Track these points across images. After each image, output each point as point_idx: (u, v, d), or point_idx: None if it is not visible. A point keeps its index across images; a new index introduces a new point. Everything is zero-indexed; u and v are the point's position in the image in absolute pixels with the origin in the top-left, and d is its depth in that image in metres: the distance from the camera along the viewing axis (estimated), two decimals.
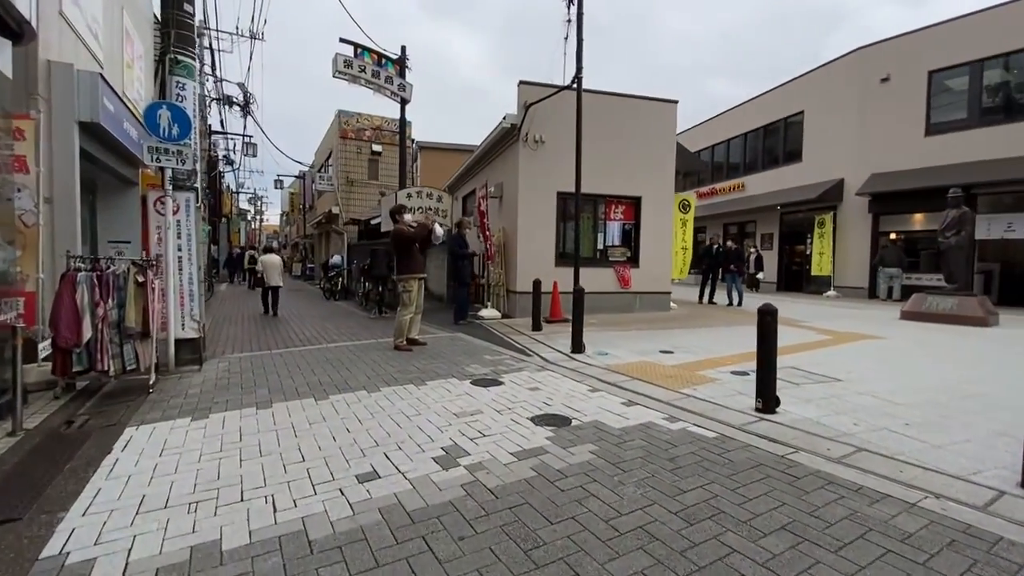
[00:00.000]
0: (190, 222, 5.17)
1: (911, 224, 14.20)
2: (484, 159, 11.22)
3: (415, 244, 6.03)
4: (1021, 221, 11.81)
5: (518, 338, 7.04)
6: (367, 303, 11.61)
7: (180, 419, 3.55)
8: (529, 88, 9.01)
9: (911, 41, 13.62)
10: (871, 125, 14.49)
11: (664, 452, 2.97)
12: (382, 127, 18.95)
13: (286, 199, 36.19)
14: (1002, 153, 11.84)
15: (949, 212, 8.90)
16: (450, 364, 5.30)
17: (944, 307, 8.61)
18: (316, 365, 5.26)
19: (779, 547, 2.00)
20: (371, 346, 6.42)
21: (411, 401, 3.97)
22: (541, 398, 4.07)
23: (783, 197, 16.86)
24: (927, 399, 4.07)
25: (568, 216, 9.57)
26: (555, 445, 3.06)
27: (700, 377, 4.77)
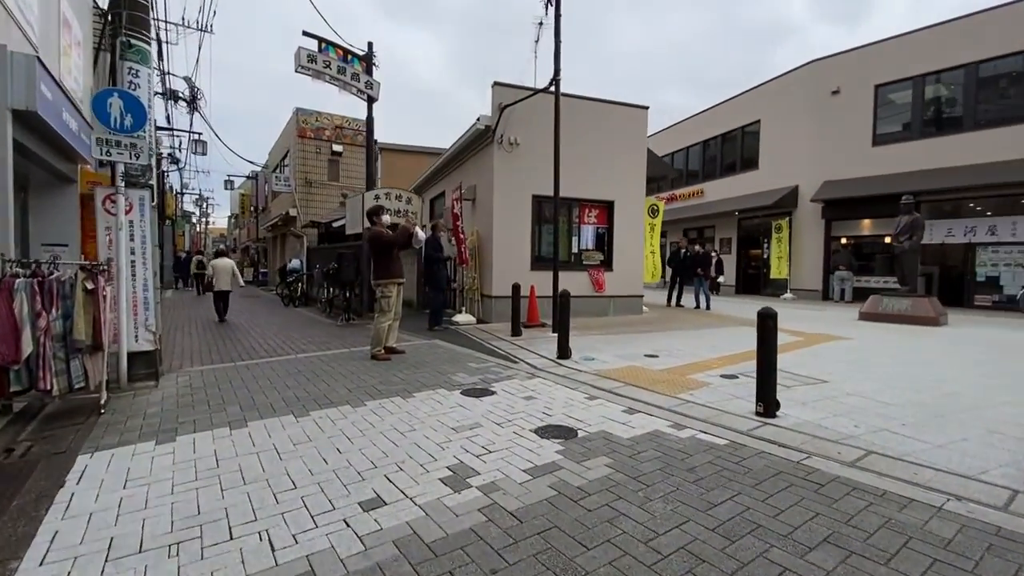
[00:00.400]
0: (144, 223, 4.69)
1: (860, 229, 15.01)
2: (455, 161, 10.98)
3: (394, 248, 5.73)
4: (959, 226, 12.70)
5: (499, 344, 6.84)
6: (331, 310, 11.10)
7: (143, 443, 3.14)
8: (503, 90, 8.87)
9: (859, 56, 14.44)
10: (823, 135, 15.25)
11: (681, 463, 2.86)
12: (343, 126, 18.31)
13: (236, 201, 34.47)
14: (942, 163, 12.70)
15: (902, 218, 9.41)
16: (435, 373, 5.04)
17: (899, 308, 9.08)
18: (288, 378, 4.88)
19: (829, 563, 1.91)
20: (345, 356, 6.06)
21: (401, 415, 3.71)
22: (539, 408, 3.90)
23: (741, 203, 17.47)
24: (910, 399, 4.17)
25: (543, 219, 9.49)
26: (568, 460, 2.89)
27: (692, 382, 4.73)
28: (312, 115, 17.71)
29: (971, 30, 12.35)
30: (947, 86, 13.05)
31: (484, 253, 9.37)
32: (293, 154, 17.97)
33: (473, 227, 9.66)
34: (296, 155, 17.60)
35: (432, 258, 8.28)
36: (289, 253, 20.03)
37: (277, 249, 23.45)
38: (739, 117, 18.64)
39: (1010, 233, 11.92)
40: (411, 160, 19.32)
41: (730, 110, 19.20)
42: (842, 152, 14.75)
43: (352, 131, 18.50)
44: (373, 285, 5.81)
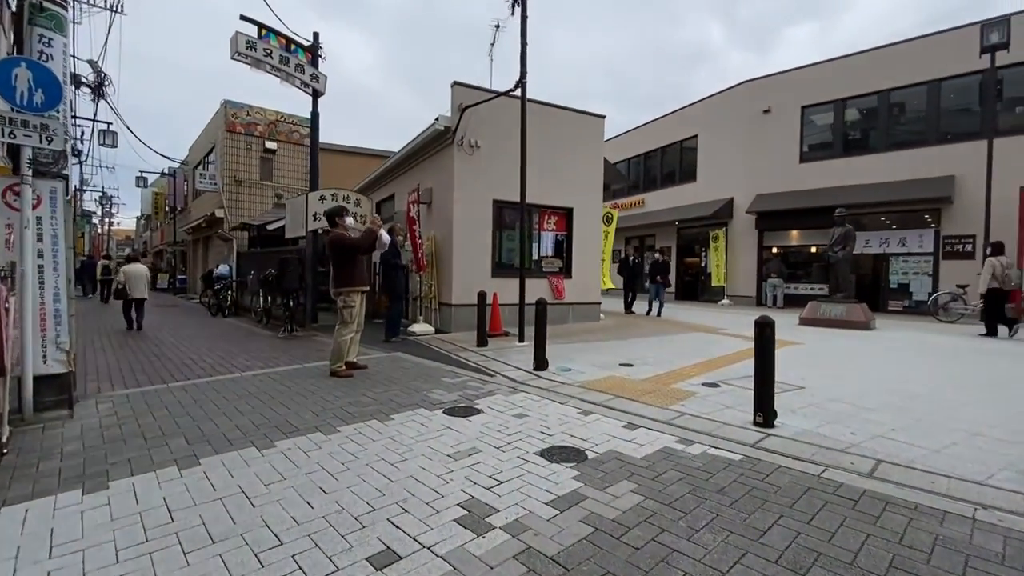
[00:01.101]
0: (56, 220, 3.91)
1: (790, 240, 16.09)
2: (408, 161, 10.48)
3: (359, 252, 5.22)
4: (875, 238, 13.92)
5: (467, 356, 6.48)
6: (269, 320, 10.17)
7: (66, 493, 2.51)
8: (464, 90, 8.55)
9: (787, 79, 15.54)
10: (756, 150, 16.24)
11: (707, 484, 2.68)
12: (277, 122, 17.06)
13: (148, 200, 31.30)
14: (860, 180, 13.90)
15: (836, 229, 10.11)
16: (409, 391, 4.61)
17: (835, 313, 9.71)
18: (239, 401, 4.25)
19: None
20: (300, 373, 5.44)
21: (385, 442, 3.28)
22: (535, 427, 3.61)
23: (681, 213, 18.21)
24: (886, 402, 4.32)
25: (504, 225, 9.24)
26: (589, 487, 2.63)
27: (678, 391, 4.65)
28: (243, 108, 16.33)
29: (885, 60, 13.66)
30: (864, 110, 14.34)
31: (442, 259, 8.96)
32: (220, 150, 16.47)
33: (430, 232, 9.22)
34: (224, 151, 16.13)
35: (390, 264, 7.77)
36: (215, 258, 18.35)
37: (199, 253, 21.44)
38: (678, 131, 19.49)
39: (918, 245, 13.23)
40: (347, 161, 18.38)
41: (669, 124, 20.03)
42: (773, 167, 15.77)
43: (288, 127, 17.30)
44: (333, 294, 5.26)
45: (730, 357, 6.42)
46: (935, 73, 12.91)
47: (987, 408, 4.17)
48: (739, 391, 4.68)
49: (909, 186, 13.01)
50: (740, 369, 5.64)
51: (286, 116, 17.26)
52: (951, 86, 12.82)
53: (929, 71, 12.99)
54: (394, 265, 7.81)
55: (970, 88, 12.61)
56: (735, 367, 5.77)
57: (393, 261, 7.79)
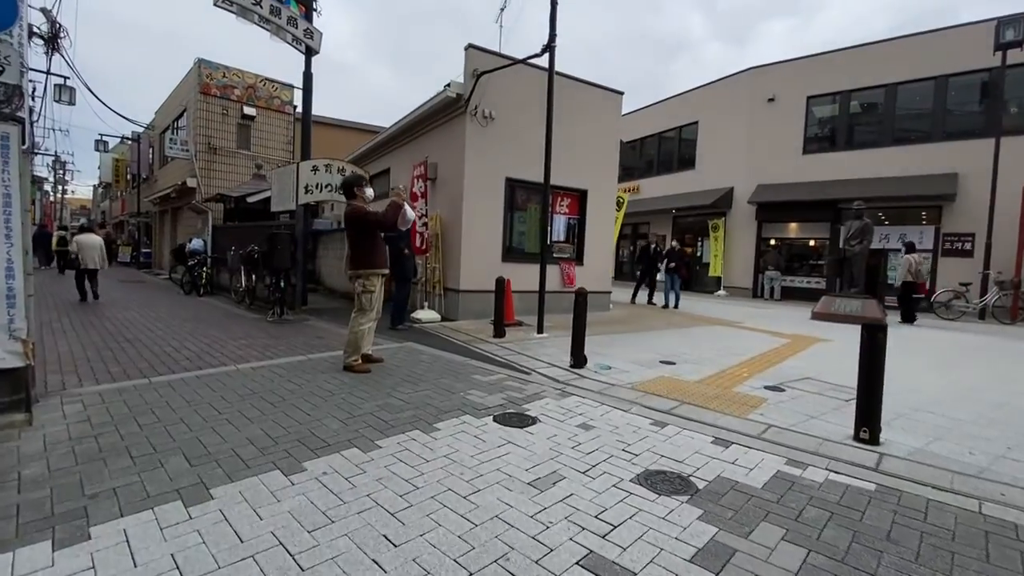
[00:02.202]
0: (8, 175, 3.07)
1: (788, 232, 15.92)
2: (410, 132, 9.64)
3: (381, 229, 4.50)
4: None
5: (487, 348, 5.86)
6: (251, 301, 9.28)
7: (26, 548, 1.80)
8: (479, 54, 7.77)
9: (794, 68, 15.19)
10: (758, 139, 15.91)
11: (864, 527, 2.17)
12: (256, 87, 15.71)
13: (108, 167, 29.07)
14: (862, 174, 13.73)
15: (852, 223, 9.82)
16: (441, 391, 3.97)
17: (851, 309, 9.46)
18: (243, 403, 3.53)
19: None
20: (306, 366, 4.72)
21: (440, 463, 2.65)
22: (610, 442, 3.05)
23: (680, 201, 17.83)
24: (975, 412, 3.93)
25: (516, 206, 8.57)
26: (728, 533, 2.08)
27: (744, 397, 4.16)
28: (219, 69, 14.92)
29: (892, 54, 13.41)
30: (869, 103, 14.12)
31: (449, 241, 8.24)
32: (193, 114, 15.08)
33: (435, 210, 8.48)
34: (197, 115, 14.76)
35: (398, 243, 7.02)
36: (185, 231, 17.04)
37: (166, 226, 19.92)
38: (678, 117, 19.01)
39: (918, 241, 13.16)
40: (332, 135, 17.27)
41: (668, 110, 19.54)
42: (775, 157, 15.49)
43: (269, 93, 15.98)
44: (350, 276, 4.54)
45: (771, 355, 6.00)
46: (942, 69, 12.73)
47: None
48: (810, 396, 4.22)
49: (912, 182, 12.89)
50: (791, 370, 5.21)
51: (266, 80, 15.94)
52: (958, 83, 12.68)
53: (936, 67, 12.80)
54: (403, 245, 7.07)
55: (977, 86, 12.49)
56: (784, 367, 5.34)
57: (402, 240, 7.05)
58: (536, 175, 8.39)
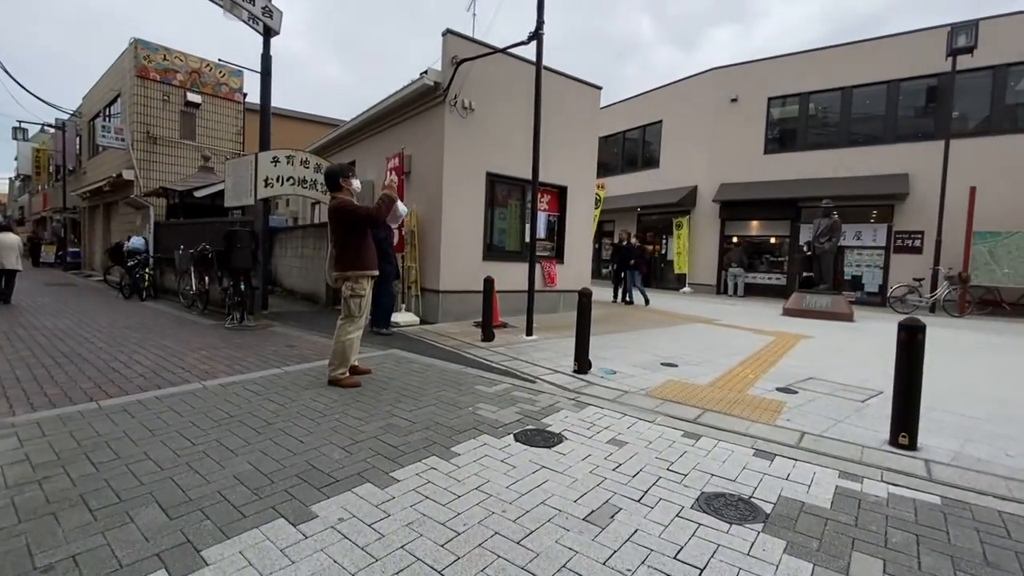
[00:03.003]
0: None
1: (750, 230, 16.35)
2: (381, 122, 9.06)
3: (374, 225, 4.03)
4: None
5: (478, 353, 5.48)
6: (204, 306, 8.45)
7: None
8: (458, 41, 7.34)
9: (756, 69, 15.58)
10: (721, 138, 16.24)
11: (961, 551, 1.99)
12: (201, 72, 14.46)
13: (26, 157, 26.33)
14: (821, 174, 14.25)
15: (821, 220, 10.09)
16: (445, 406, 3.58)
17: (821, 305, 9.72)
18: (221, 431, 3.01)
19: None
20: (284, 381, 4.18)
21: (474, 497, 2.29)
22: (650, 460, 2.78)
23: (645, 199, 17.99)
24: (986, 411, 3.94)
25: (497, 202, 8.20)
26: (823, 568, 1.84)
27: (761, 401, 4.01)
28: (158, 51, 13.59)
29: (848, 58, 13.98)
30: (827, 106, 14.67)
31: (426, 239, 7.77)
32: (129, 100, 13.68)
33: (410, 206, 7.97)
34: (134, 101, 13.39)
35: (383, 240, 6.52)
36: (121, 228, 15.55)
37: (97, 223, 18.13)
38: (641, 116, 19.17)
39: (871, 239, 13.83)
40: (282, 125, 16.23)
41: (632, 108, 19.68)
42: (738, 157, 15.86)
43: (215, 79, 14.75)
44: (335, 279, 4.04)
45: (765, 355, 5.95)
46: (894, 74, 13.38)
47: None
48: (825, 399, 4.12)
49: (866, 182, 13.50)
50: (791, 369, 5.15)
51: (212, 65, 14.72)
52: (908, 87, 13.36)
53: (888, 71, 13.44)
54: (388, 242, 6.59)
55: (927, 90, 13.21)
56: (784, 367, 5.27)
57: (388, 236, 6.57)
58: (517, 170, 8.11)
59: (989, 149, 12.12)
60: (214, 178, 12.82)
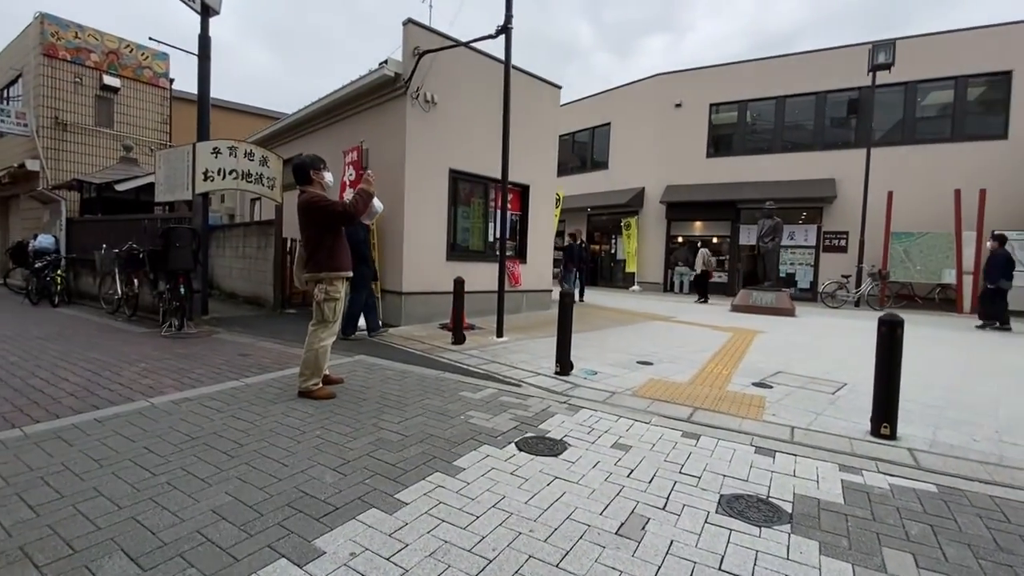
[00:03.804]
0: None
1: (694, 230, 17.05)
2: (333, 113, 8.56)
3: (349, 222, 3.71)
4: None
5: (451, 356, 5.26)
6: (133, 312, 7.60)
7: None
8: (421, 32, 7.05)
9: (698, 76, 16.26)
10: (666, 142, 16.83)
11: (975, 539, 2.06)
12: (120, 52, 13.02)
13: None
14: (758, 177, 15.10)
15: (764, 221, 10.65)
16: (435, 416, 3.35)
17: (766, 301, 10.26)
18: (181, 455, 2.63)
19: None
20: (243, 395, 3.77)
21: (494, 517, 2.12)
22: (659, 464, 2.72)
23: (595, 200, 18.32)
24: (940, 397, 4.23)
25: (460, 200, 7.97)
26: (862, 568, 1.84)
27: (744, 397, 4.09)
28: (69, 28, 12.06)
29: (781, 69, 14.91)
30: (763, 113, 15.57)
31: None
32: (33, 80, 12.06)
33: None
34: (39, 83, 11.81)
35: (361, 239, 6.15)
36: (23, 225, 13.77)
37: None
38: (590, 118, 19.50)
39: (803, 239, 14.83)
40: (215, 116, 15.01)
41: (581, 111, 19.97)
42: (683, 160, 16.50)
43: (137, 62, 13.34)
44: (304, 280, 3.69)
45: (730, 350, 6.14)
46: (822, 86, 14.42)
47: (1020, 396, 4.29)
48: (800, 392, 4.28)
49: (798, 185, 14.46)
50: (759, 364, 5.33)
51: (133, 46, 13.33)
52: (834, 98, 14.45)
53: (816, 83, 14.48)
54: (367, 243, 6.23)
55: (850, 102, 14.33)
56: (751, 362, 5.45)
57: (364, 236, 6.20)
58: (480, 167, 7.93)
59: (903, 157, 13.34)
60: (138, 170, 11.64)
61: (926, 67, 13.04)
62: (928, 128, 13.45)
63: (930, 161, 13.06)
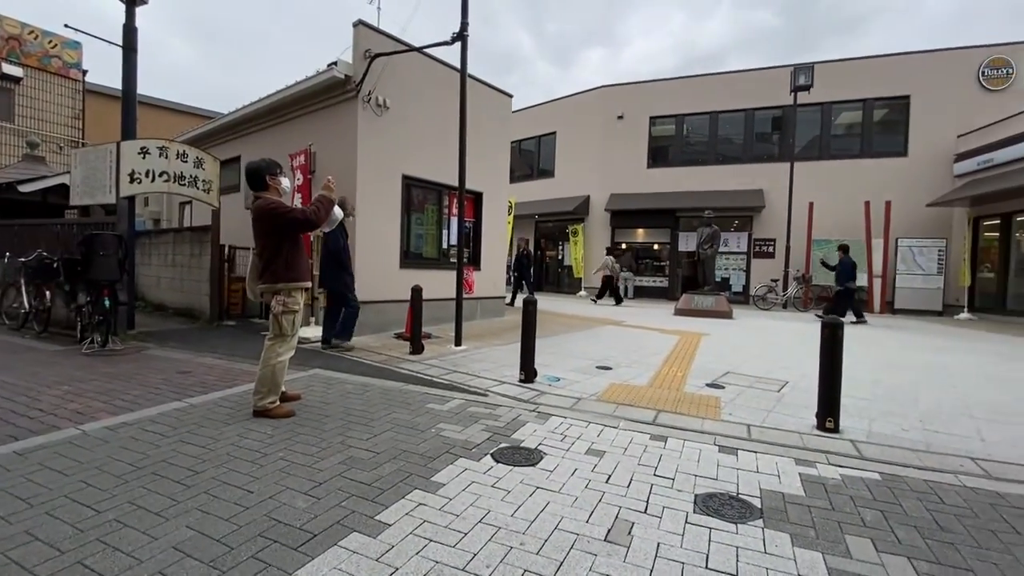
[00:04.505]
0: None
1: (636, 237, 17.72)
2: (275, 114, 8.14)
3: (308, 230, 3.52)
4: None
5: (412, 367, 5.13)
6: (45, 328, 6.84)
7: None
8: (372, 34, 6.88)
9: (639, 89, 16.98)
10: (610, 152, 17.42)
11: (918, 520, 2.27)
12: (23, 39, 11.69)
13: None
14: (695, 187, 15.96)
15: (703, 229, 11.26)
16: (405, 430, 3.26)
17: (706, 304, 10.83)
18: (127, 489, 2.38)
19: None
20: (190, 416, 3.48)
21: (483, 532, 2.08)
22: (632, 468, 2.79)
23: (543, 207, 18.60)
24: (872, 392, 4.63)
25: (413, 207, 7.83)
26: (832, 556, 1.98)
27: (700, 398, 4.29)
28: None
29: (715, 86, 15.88)
30: (699, 127, 16.50)
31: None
32: None
33: None
34: None
35: (340, 248, 5.86)
36: None
37: None
38: (536, 127, 19.82)
39: (736, 245, 15.81)
40: (151, 116, 13.91)
41: (526, 119, 20.23)
42: (625, 169, 17.13)
43: (44, 50, 12.05)
44: (261, 291, 3.47)
45: (680, 353, 6.42)
46: (751, 103, 15.51)
47: (940, 390, 4.78)
48: (749, 392, 4.54)
49: (731, 195, 15.43)
50: (709, 365, 5.62)
51: (39, 32, 12.04)
52: (761, 115, 15.57)
53: (746, 101, 15.55)
54: (347, 252, 5.95)
55: (774, 119, 15.49)
56: (701, 364, 5.73)
57: (343, 244, 5.92)
58: (434, 174, 7.85)
59: (822, 171, 14.59)
60: (46, 169, 10.53)
61: (839, 89, 14.37)
62: (842, 145, 14.82)
63: (844, 175, 14.38)
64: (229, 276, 8.44)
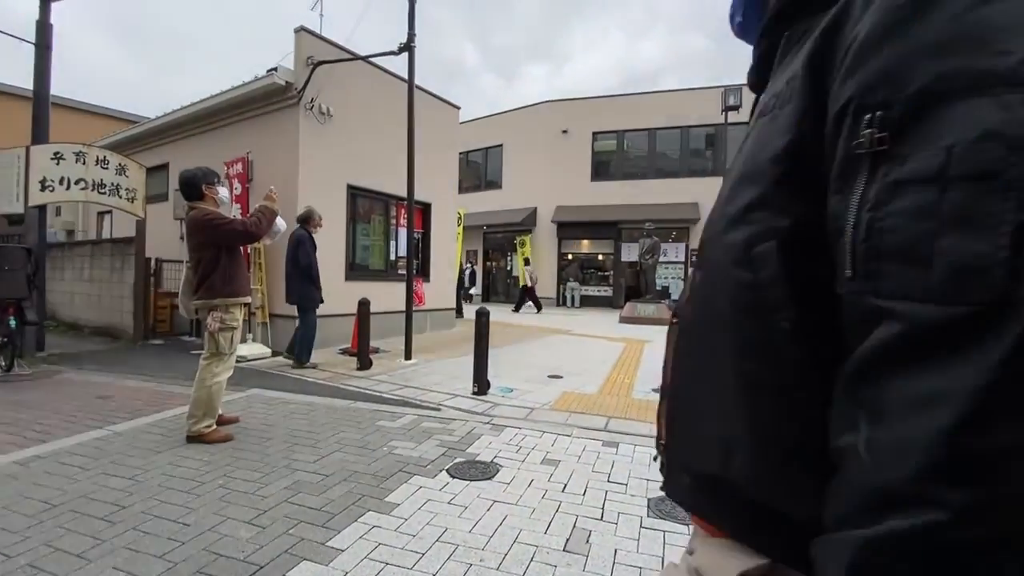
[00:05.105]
0: None
1: (582, 248, 18.16)
2: (209, 120, 7.71)
3: (246, 242, 3.34)
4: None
5: (360, 384, 4.98)
6: None
7: None
8: (314, 41, 6.71)
9: (582, 105, 17.51)
10: (556, 165, 17.80)
11: None
12: None
13: None
14: (635, 200, 16.61)
15: (645, 240, 11.72)
16: (355, 449, 3.15)
17: (649, 312, 11.25)
18: (42, 529, 2.14)
19: None
20: (113, 445, 3.19)
21: (442, 551, 2.05)
22: (589, 475, 2.85)
23: (491, 219, 18.68)
24: None
25: (360, 218, 7.65)
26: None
27: (647, 403, 4.44)
28: None
29: (653, 104, 16.65)
30: (638, 142, 17.22)
31: (276, 258, 6.82)
32: None
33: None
34: None
35: (310, 263, 5.55)
36: None
37: None
38: (483, 139, 19.94)
39: (675, 255, 16.57)
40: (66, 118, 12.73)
41: (474, 130, 20.32)
42: (570, 182, 17.56)
43: None
44: (192, 308, 3.24)
45: (627, 360, 6.63)
46: (687, 121, 16.38)
47: None
48: None
49: (669, 208, 16.16)
50: (654, 371, 5.81)
51: None
52: (696, 132, 16.49)
53: (681, 119, 16.41)
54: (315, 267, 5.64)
55: (707, 136, 16.45)
56: (646, 370, 5.95)
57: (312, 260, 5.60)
58: (380, 184, 7.73)
59: None
60: None
61: None
62: None
63: None
64: (156, 291, 7.86)
